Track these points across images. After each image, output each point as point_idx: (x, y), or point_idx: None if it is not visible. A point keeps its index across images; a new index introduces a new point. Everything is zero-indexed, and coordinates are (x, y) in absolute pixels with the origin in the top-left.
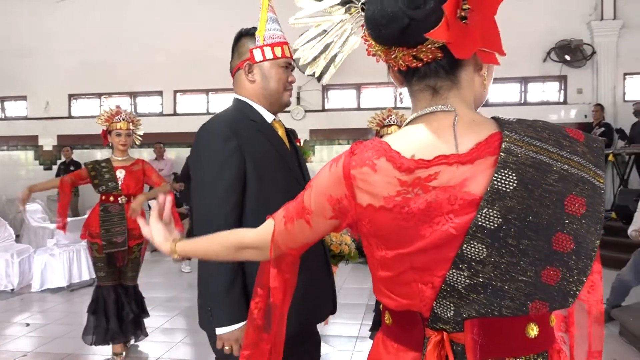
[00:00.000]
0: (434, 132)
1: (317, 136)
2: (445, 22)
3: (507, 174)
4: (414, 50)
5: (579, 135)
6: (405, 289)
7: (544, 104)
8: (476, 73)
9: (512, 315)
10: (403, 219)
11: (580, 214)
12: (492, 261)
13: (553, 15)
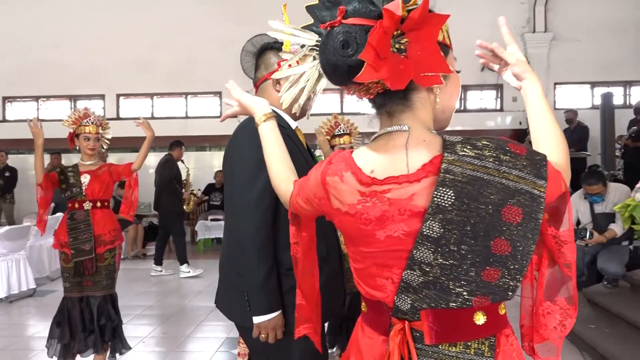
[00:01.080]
0: (390, 151)
1: None
2: (368, 66)
3: (446, 191)
4: (364, 86)
5: (521, 149)
6: (372, 281)
7: (482, 111)
8: (430, 92)
9: (459, 308)
10: (362, 223)
11: (517, 222)
12: (438, 263)
13: (490, 27)
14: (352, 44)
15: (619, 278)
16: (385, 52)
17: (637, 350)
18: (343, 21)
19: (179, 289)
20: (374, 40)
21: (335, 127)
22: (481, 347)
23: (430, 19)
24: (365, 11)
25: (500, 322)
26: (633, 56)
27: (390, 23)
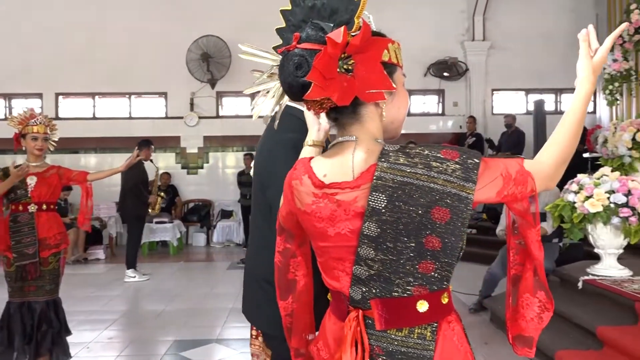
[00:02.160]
0: (340, 158)
1: (212, 143)
2: (315, 86)
3: (378, 196)
4: (318, 102)
5: (454, 155)
6: (331, 273)
7: (425, 115)
8: (377, 107)
9: (400, 297)
10: (317, 221)
11: (445, 221)
12: (379, 259)
13: (432, 35)
14: (304, 66)
15: (550, 273)
16: (331, 73)
17: (565, 338)
18: (298, 46)
19: (123, 293)
20: (319, 64)
21: None
22: (424, 332)
23: (373, 43)
24: (316, 37)
25: (443, 310)
26: (563, 65)
27: (334, 48)
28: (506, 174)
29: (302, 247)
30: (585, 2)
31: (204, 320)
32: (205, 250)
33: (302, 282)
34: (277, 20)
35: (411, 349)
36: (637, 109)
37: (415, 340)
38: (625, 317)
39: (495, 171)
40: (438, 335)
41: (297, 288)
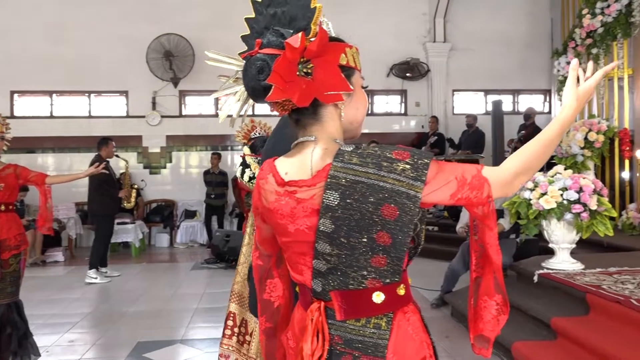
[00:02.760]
0: (300, 157)
1: (175, 142)
2: (275, 88)
3: (332, 194)
4: (280, 104)
5: (405, 155)
6: (295, 267)
7: (387, 115)
8: (336, 108)
9: (356, 289)
10: (279, 218)
11: (394, 218)
12: (335, 253)
13: (395, 36)
14: (265, 70)
15: (508, 268)
16: (290, 76)
17: (521, 330)
18: (260, 51)
19: (84, 296)
20: (279, 67)
21: (252, 131)
22: (379, 322)
23: (331, 48)
24: (276, 43)
25: (399, 301)
26: (520, 67)
27: (292, 53)
28: (461, 178)
29: (280, 269)
30: (541, 6)
31: (168, 321)
32: (168, 251)
33: (276, 303)
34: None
35: (367, 337)
36: (589, 110)
37: (371, 329)
38: (577, 308)
39: (450, 175)
40: (393, 325)
41: (271, 309)
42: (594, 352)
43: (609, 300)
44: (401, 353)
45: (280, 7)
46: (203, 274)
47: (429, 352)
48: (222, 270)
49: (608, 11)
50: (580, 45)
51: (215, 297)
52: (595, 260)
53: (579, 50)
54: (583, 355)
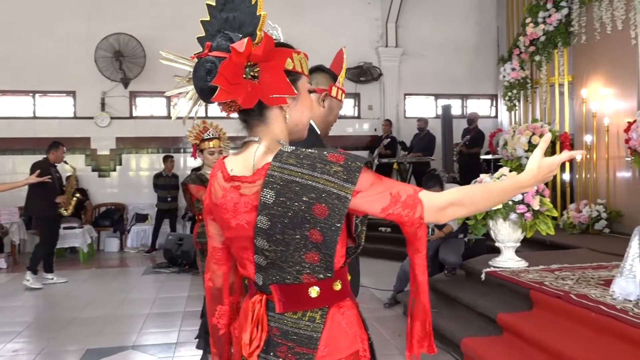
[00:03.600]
0: (245, 155)
1: (125, 144)
2: (221, 89)
3: (268, 192)
4: (227, 104)
5: (339, 158)
6: (241, 262)
7: (341, 118)
8: (282, 110)
9: (293, 283)
10: (223, 212)
11: (325, 217)
12: (272, 249)
13: (348, 41)
14: (213, 72)
15: (457, 267)
16: (236, 79)
17: (469, 327)
18: (209, 53)
19: (29, 303)
20: (224, 70)
21: (204, 132)
22: (314, 315)
23: (277, 53)
24: (225, 46)
25: (334, 296)
26: (468, 72)
27: (238, 57)
28: (396, 194)
29: (232, 296)
30: (487, 15)
31: (119, 327)
32: (118, 256)
33: (222, 331)
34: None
35: (302, 330)
36: (532, 114)
37: (305, 322)
38: (521, 304)
39: (385, 189)
40: (327, 318)
41: (218, 334)
42: (537, 345)
43: (550, 295)
44: (333, 345)
45: (232, 13)
46: (155, 278)
47: (362, 346)
48: (175, 275)
49: (549, 20)
50: (524, 53)
51: (167, 302)
52: (539, 258)
53: (522, 57)
54: (527, 349)
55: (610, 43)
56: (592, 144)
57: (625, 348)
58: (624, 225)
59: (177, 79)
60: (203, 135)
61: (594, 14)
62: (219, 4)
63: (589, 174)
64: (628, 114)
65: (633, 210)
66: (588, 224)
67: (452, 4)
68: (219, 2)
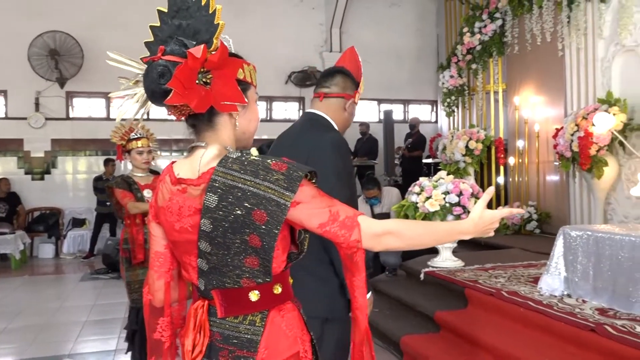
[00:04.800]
0: (191, 159)
1: (61, 146)
2: (175, 92)
3: (211, 196)
4: (177, 108)
5: (282, 166)
6: (184, 266)
7: (286, 121)
8: (231, 117)
9: (233, 288)
10: (168, 215)
11: (263, 223)
12: (214, 252)
13: (293, 45)
14: (166, 75)
15: (397, 268)
16: (190, 83)
17: (408, 325)
18: (162, 57)
19: None
20: (180, 74)
21: (130, 132)
22: (254, 318)
23: (230, 62)
24: (179, 51)
25: (275, 300)
26: (410, 79)
27: (194, 62)
28: (335, 212)
29: (173, 307)
30: (428, 23)
31: (54, 336)
32: (54, 262)
33: (167, 344)
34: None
35: (243, 334)
36: (470, 119)
37: (246, 326)
38: (457, 302)
39: (326, 205)
40: (267, 321)
41: (162, 349)
42: (472, 341)
43: (483, 293)
44: (273, 348)
45: (186, 20)
46: (93, 285)
47: (303, 347)
48: (114, 281)
49: (485, 31)
50: (461, 61)
51: (106, 309)
52: (474, 257)
53: (460, 65)
54: (462, 345)
55: (540, 54)
56: (524, 148)
57: (551, 341)
58: (552, 226)
59: (123, 80)
60: (130, 135)
61: (526, 26)
62: (172, 10)
63: (521, 177)
64: (556, 121)
65: (560, 212)
66: (520, 225)
67: (394, 11)
68: (172, 9)
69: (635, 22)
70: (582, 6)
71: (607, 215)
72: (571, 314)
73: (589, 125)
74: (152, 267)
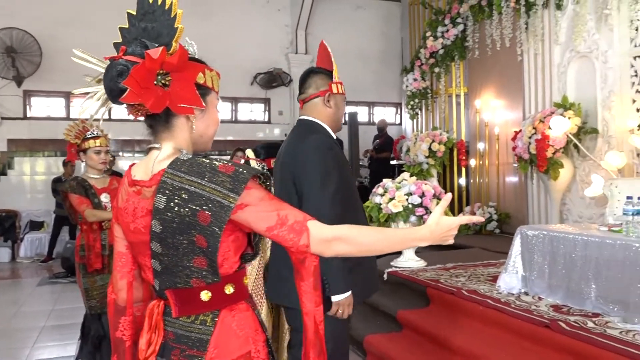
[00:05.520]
0: (146, 161)
1: (18, 147)
2: (131, 91)
3: (160, 197)
4: (135, 108)
5: (229, 169)
6: (142, 268)
7: (252, 123)
8: (188, 120)
9: (185, 288)
10: (125, 216)
11: (207, 223)
12: (165, 253)
13: (259, 46)
14: (124, 74)
15: None
16: (146, 83)
17: (372, 324)
18: (123, 57)
19: None
20: (136, 73)
21: (85, 130)
22: (206, 318)
23: (190, 66)
24: (139, 52)
25: (226, 300)
26: (375, 81)
27: (151, 63)
28: (284, 216)
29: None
30: (393, 27)
31: (9, 342)
32: (9, 267)
33: (128, 343)
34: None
35: (194, 333)
36: (433, 122)
37: (197, 325)
38: (419, 301)
39: (274, 209)
40: (218, 321)
41: (123, 347)
42: (433, 339)
43: (444, 292)
44: (222, 347)
45: (150, 23)
46: (52, 289)
47: (255, 347)
48: (73, 285)
49: (447, 35)
50: (425, 64)
51: (65, 314)
52: (436, 257)
53: (423, 69)
54: (424, 343)
55: (500, 58)
56: (484, 151)
57: (509, 337)
58: (511, 226)
59: (88, 78)
60: (85, 133)
61: (486, 31)
62: (139, 13)
63: (482, 178)
64: (515, 124)
65: (519, 212)
66: (481, 225)
67: (359, 14)
68: (140, 12)
69: (588, 30)
70: (540, 13)
71: (563, 215)
72: (527, 311)
73: (545, 129)
74: (115, 267)
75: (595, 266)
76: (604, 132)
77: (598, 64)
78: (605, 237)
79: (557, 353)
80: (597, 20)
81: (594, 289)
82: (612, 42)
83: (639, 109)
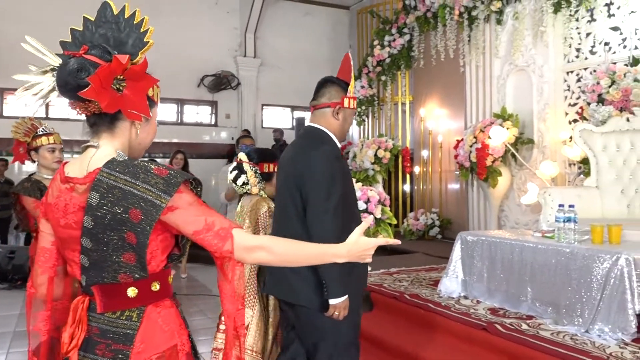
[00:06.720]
0: (82, 159)
1: None
2: (92, 87)
3: (94, 194)
4: (84, 105)
5: (163, 172)
6: (70, 264)
7: (198, 125)
8: (132, 126)
9: (112, 283)
10: (55, 212)
11: (138, 221)
12: (95, 249)
13: (207, 48)
14: (85, 71)
15: None
16: (106, 84)
17: None
18: (84, 55)
19: None
20: (102, 72)
21: (35, 128)
22: (131, 314)
23: (146, 78)
24: (101, 55)
25: (152, 296)
26: None
27: (116, 67)
28: (210, 222)
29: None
30: (341, 33)
31: None
32: None
33: (44, 337)
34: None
35: (120, 328)
36: (379, 129)
37: (123, 321)
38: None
39: (202, 214)
40: (143, 317)
41: (39, 342)
42: (376, 343)
43: (387, 296)
44: (149, 342)
45: (112, 32)
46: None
47: (180, 340)
48: (4, 292)
49: (394, 44)
50: (372, 72)
51: None
52: (380, 262)
53: (371, 77)
54: (369, 348)
55: (444, 69)
56: (428, 158)
57: (449, 340)
58: (453, 232)
59: (33, 67)
60: (36, 130)
61: (431, 42)
62: (99, 20)
63: (426, 185)
64: (457, 132)
65: (460, 218)
66: (424, 230)
67: (308, 20)
68: (100, 19)
69: (526, 45)
70: (481, 27)
71: (501, 222)
72: (466, 314)
73: (485, 138)
74: (36, 262)
75: (531, 270)
76: (539, 142)
77: (535, 78)
78: (538, 243)
79: (494, 354)
80: (534, 36)
81: (530, 292)
82: (547, 58)
83: (571, 122)
